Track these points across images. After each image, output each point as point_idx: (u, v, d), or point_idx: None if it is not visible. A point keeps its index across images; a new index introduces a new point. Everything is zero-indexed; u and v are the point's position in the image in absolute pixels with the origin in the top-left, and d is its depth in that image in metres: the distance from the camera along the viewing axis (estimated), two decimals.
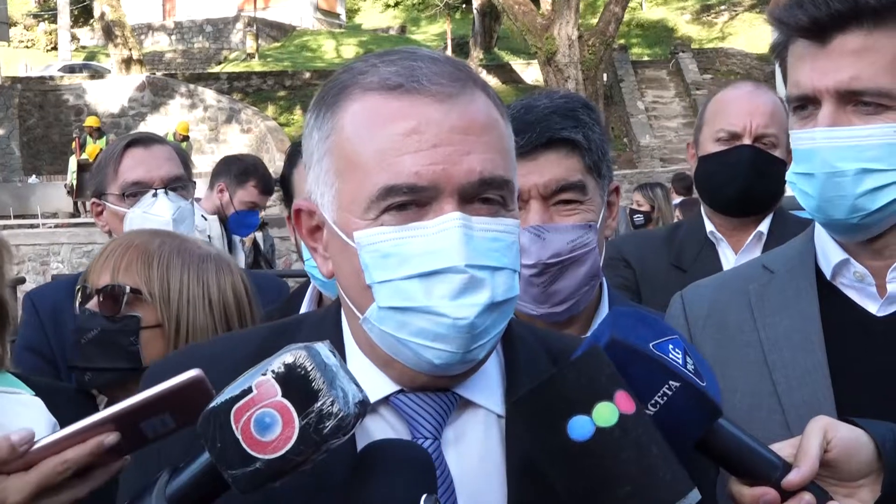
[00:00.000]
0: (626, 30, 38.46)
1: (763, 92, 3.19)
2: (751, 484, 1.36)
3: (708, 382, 1.32)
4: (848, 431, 1.43)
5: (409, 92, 1.30)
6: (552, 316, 2.15)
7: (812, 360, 1.78)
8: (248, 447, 1.15)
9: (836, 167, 1.69)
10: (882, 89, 1.67)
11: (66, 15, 43.82)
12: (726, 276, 2.11)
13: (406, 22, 51.75)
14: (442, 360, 1.30)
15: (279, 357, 1.17)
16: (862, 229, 1.74)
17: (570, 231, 2.10)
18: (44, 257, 15.38)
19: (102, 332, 2.29)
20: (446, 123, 1.29)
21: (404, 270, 1.28)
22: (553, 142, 2.09)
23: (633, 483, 1.19)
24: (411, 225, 1.28)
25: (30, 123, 31.73)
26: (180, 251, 2.35)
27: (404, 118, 1.29)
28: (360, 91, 1.33)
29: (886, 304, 1.77)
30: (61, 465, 1.37)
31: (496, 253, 1.31)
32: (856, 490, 1.42)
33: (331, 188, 1.35)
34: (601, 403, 1.20)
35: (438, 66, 1.33)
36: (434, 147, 1.28)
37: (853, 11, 1.67)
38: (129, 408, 1.34)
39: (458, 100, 1.31)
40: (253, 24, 44.47)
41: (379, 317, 1.32)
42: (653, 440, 1.21)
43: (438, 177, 1.27)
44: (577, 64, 26.17)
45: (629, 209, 10.51)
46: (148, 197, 3.32)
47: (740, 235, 3.20)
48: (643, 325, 1.33)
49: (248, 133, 31.57)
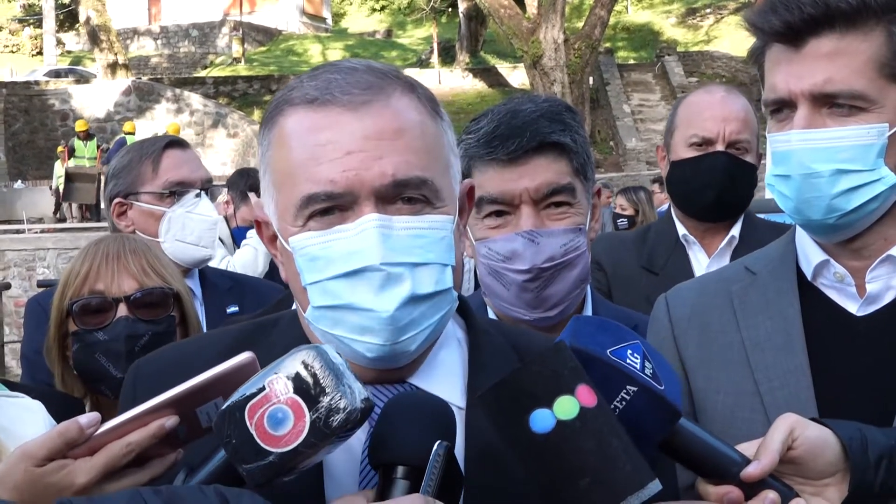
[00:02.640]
0: (612, 33, 38.58)
1: (735, 97, 3.22)
2: (716, 483, 1.38)
3: (667, 386, 1.36)
4: (815, 430, 1.46)
5: (324, 104, 1.38)
6: (544, 321, 2.15)
7: (793, 360, 1.79)
8: (261, 441, 1.23)
9: (812, 168, 1.71)
10: (855, 91, 1.68)
11: (51, 19, 43.67)
12: (709, 277, 2.13)
13: (392, 26, 51.77)
14: (373, 352, 1.37)
15: (290, 357, 1.25)
16: (840, 230, 1.75)
17: (563, 235, 2.12)
18: (29, 263, 15.32)
19: (153, 336, 2.33)
20: (359, 131, 1.36)
21: (330, 271, 1.36)
22: (543, 146, 2.11)
23: (593, 474, 1.22)
24: (334, 228, 1.36)
25: (15, 128, 31.60)
26: (157, 251, 2.45)
27: (320, 129, 1.37)
28: (288, 107, 1.42)
29: (866, 303, 1.79)
30: (125, 447, 1.40)
31: (419, 249, 1.37)
32: (823, 489, 1.45)
33: (272, 199, 1.45)
34: (562, 397, 1.24)
35: (354, 76, 1.40)
36: (347, 154, 1.35)
37: (826, 15, 1.68)
38: (188, 390, 1.39)
39: (370, 107, 1.38)
40: (239, 29, 44.42)
41: (314, 316, 1.40)
42: (613, 433, 1.24)
43: (352, 182, 1.35)
44: (563, 67, 26.25)
45: (613, 213, 10.48)
46: (190, 197, 3.33)
47: (712, 239, 3.24)
48: (602, 332, 1.37)
49: (234, 137, 31.53)
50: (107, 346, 2.33)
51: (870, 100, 1.69)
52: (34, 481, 1.39)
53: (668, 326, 1.97)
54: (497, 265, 2.13)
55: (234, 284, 3.60)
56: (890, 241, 1.77)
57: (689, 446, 1.38)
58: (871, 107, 1.69)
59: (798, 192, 1.73)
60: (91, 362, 2.35)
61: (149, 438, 1.40)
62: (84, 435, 1.41)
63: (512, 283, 2.11)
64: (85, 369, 2.37)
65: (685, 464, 1.42)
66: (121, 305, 2.33)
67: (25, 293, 14.38)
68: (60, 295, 2.37)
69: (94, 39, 35.74)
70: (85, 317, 2.34)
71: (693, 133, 3.15)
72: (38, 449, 1.40)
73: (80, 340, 2.36)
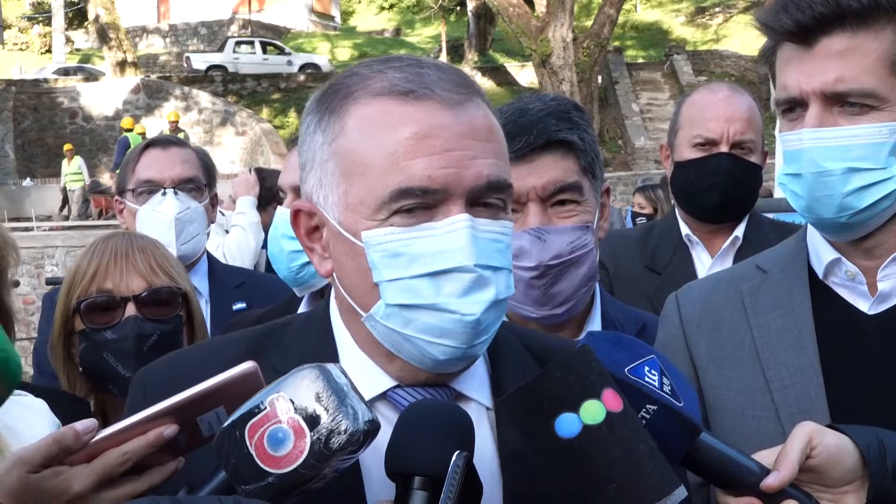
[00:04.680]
0: (621, 32, 38.51)
1: (739, 96, 3.19)
2: (736, 494, 1.38)
3: (685, 401, 1.35)
4: (833, 438, 1.45)
5: (419, 98, 1.34)
6: (552, 318, 2.15)
7: (804, 358, 1.79)
8: (261, 462, 1.20)
9: (824, 167, 1.71)
10: (866, 90, 1.68)
11: (60, 17, 43.76)
12: (720, 276, 2.12)
13: (401, 24, 51.76)
14: (446, 355, 1.34)
15: (293, 375, 1.23)
16: (851, 228, 1.75)
17: (570, 233, 2.11)
18: (38, 260, 15.36)
19: (161, 335, 2.33)
20: (456, 129, 1.33)
21: (414, 269, 1.32)
22: (550, 144, 2.11)
23: (620, 480, 1.21)
24: (422, 225, 1.32)
25: (24, 126, 31.66)
26: (164, 249, 2.44)
27: (416, 122, 1.33)
28: (369, 95, 1.37)
29: (877, 302, 1.79)
30: (122, 455, 1.39)
31: (497, 253, 1.35)
32: (841, 496, 1.45)
33: (335, 190, 1.38)
34: (589, 401, 1.22)
35: (445, 74, 1.37)
36: (446, 151, 1.32)
37: (836, 14, 1.68)
38: (188, 399, 1.37)
39: (465, 106, 1.36)
40: (247, 27, 44.47)
41: (385, 314, 1.35)
42: (640, 438, 1.22)
43: (450, 180, 1.32)
44: (571, 66, 26.21)
45: (631, 212, 10.29)
46: (157, 195, 3.46)
47: (716, 239, 3.23)
48: (619, 349, 1.36)
49: (242, 136, 31.55)
50: (115, 346, 2.33)
51: (881, 98, 1.68)
52: (29, 487, 1.37)
53: (679, 325, 1.97)
54: None
55: (245, 281, 3.63)
56: None
57: (709, 459, 1.38)
58: (883, 105, 1.69)
59: (810, 190, 1.73)
60: (99, 361, 2.34)
61: (147, 447, 1.39)
62: (80, 441, 1.39)
63: (519, 281, 2.10)
64: (92, 368, 2.36)
65: (705, 476, 1.41)
66: (129, 304, 2.33)
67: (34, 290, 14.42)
68: (67, 292, 2.36)
69: (102, 37, 35.77)
70: (93, 315, 2.34)
71: (697, 133, 3.13)
72: (34, 455, 1.38)
73: (87, 339, 2.35)
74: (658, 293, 3.02)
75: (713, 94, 3.21)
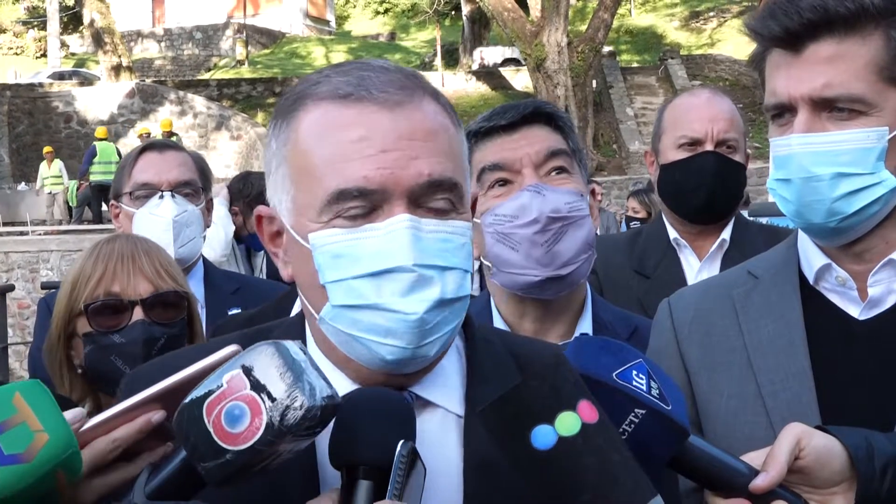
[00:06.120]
0: (616, 36, 38.55)
1: (720, 98, 3.24)
2: (726, 496, 1.39)
3: (673, 405, 1.36)
4: (822, 439, 1.46)
5: (358, 100, 1.35)
6: (556, 281, 2.17)
7: (796, 363, 1.80)
8: (218, 439, 1.19)
9: (812, 172, 1.71)
10: (854, 95, 1.69)
11: (55, 22, 43.69)
12: (711, 282, 2.13)
13: (395, 29, 51.80)
14: (394, 355, 1.34)
15: (249, 352, 1.23)
16: (841, 233, 1.76)
17: (567, 194, 2.17)
18: (33, 264, 15.34)
19: (169, 339, 2.34)
20: (394, 130, 1.34)
21: (355, 270, 1.32)
22: (540, 115, 2.21)
23: (594, 490, 1.22)
24: (363, 227, 1.33)
25: (19, 130, 31.64)
26: (165, 252, 2.45)
27: (354, 125, 1.34)
28: (313, 101, 1.38)
29: (868, 307, 1.79)
30: (112, 443, 1.40)
31: (446, 253, 1.35)
32: (830, 498, 1.46)
33: (287, 194, 1.40)
34: (564, 413, 1.23)
35: (388, 76, 1.38)
36: (382, 152, 1.33)
37: (824, 20, 1.69)
38: (173, 384, 1.39)
39: (405, 107, 1.36)
40: (242, 31, 44.48)
41: (332, 315, 1.36)
42: (615, 448, 1.24)
43: (387, 180, 1.32)
44: (566, 70, 26.26)
45: (625, 216, 10.27)
46: (155, 198, 3.47)
47: (703, 242, 3.25)
48: (606, 354, 1.37)
49: (237, 140, 31.54)
50: (123, 349, 2.32)
51: (869, 103, 1.69)
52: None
53: (671, 330, 1.97)
54: (505, 227, 2.17)
55: (240, 287, 3.63)
56: (891, 244, 1.77)
57: (697, 462, 1.39)
58: (871, 110, 1.69)
59: (799, 195, 1.74)
60: (106, 364, 2.33)
61: (135, 433, 1.40)
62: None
63: (522, 241, 2.14)
64: (98, 371, 2.36)
65: (694, 478, 1.42)
66: (136, 308, 2.34)
67: (29, 295, 14.41)
68: (69, 296, 2.35)
69: (97, 42, 35.77)
70: (100, 318, 2.33)
71: (681, 134, 3.17)
72: None
73: (93, 342, 2.34)
74: (647, 297, 3.05)
75: (695, 97, 3.27)
